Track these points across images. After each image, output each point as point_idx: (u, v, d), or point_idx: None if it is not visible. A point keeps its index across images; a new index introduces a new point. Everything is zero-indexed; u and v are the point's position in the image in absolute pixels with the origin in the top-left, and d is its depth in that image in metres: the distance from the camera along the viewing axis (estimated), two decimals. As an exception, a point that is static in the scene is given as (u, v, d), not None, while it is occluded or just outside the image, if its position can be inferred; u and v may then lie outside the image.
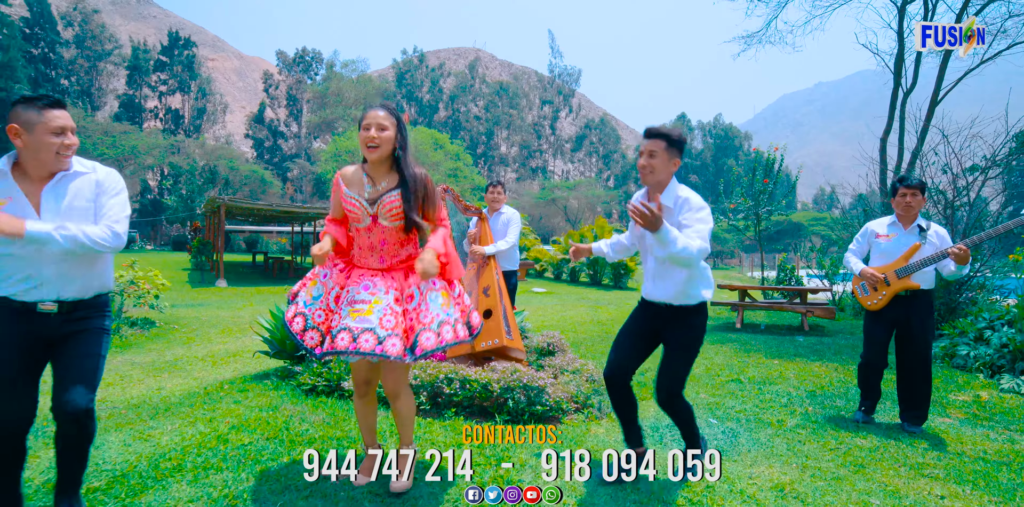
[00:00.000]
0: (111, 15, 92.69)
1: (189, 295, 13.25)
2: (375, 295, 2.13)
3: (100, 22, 53.69)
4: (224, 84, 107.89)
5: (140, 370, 5.08)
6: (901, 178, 3.42)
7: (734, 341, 6.82)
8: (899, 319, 3.36)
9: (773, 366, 5.30)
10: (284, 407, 3.38)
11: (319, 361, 3.90)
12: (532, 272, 22.28)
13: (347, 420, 3.12)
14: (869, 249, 3.57)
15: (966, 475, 2.63)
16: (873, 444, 3.09)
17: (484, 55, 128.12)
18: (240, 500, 2.11)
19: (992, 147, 7.23)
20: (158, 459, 2.51)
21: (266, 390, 3.87)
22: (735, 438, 3.17)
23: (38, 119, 1.80)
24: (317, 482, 2.27)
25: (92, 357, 1.94)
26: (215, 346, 6.51)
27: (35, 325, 1.88)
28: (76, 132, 1.94)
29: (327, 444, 2.70)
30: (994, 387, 4.43)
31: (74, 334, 1.94)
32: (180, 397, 3.80)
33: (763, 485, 2.45)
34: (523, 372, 3.39)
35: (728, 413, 3.69)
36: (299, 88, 59.11)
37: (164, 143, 39.64)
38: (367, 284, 2.18)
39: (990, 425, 3.50)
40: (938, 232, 3.36)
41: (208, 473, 2.36)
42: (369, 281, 2.19)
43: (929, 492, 2.41)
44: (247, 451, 2.60)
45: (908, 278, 3.29)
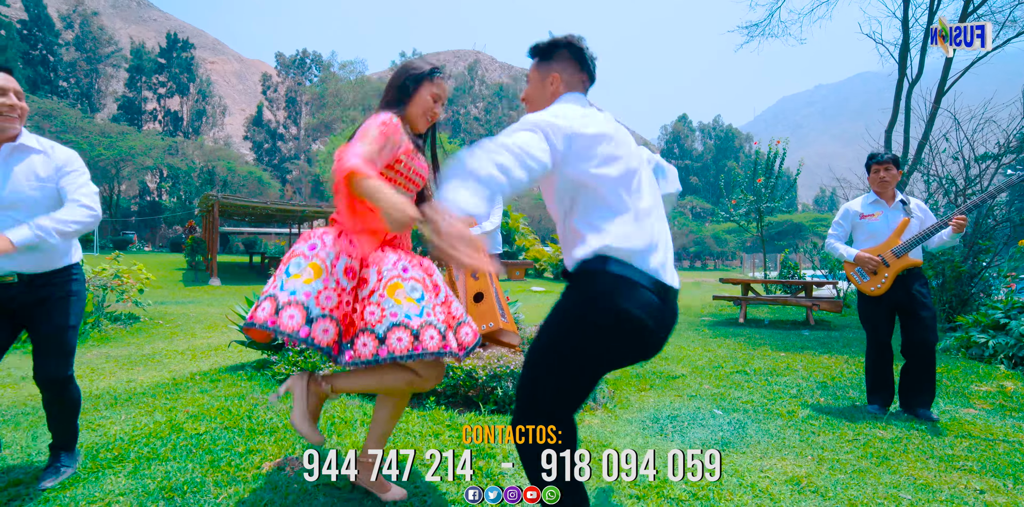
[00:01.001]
0: (111, 18, 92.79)
1: (180, 293, 13.00)
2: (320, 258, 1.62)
3: (99, 24, 53.64)
4: (224, 87, 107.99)
5: (114, 363, 4.82)
6: (872, 155, 3.28)
7: (738, 335, 6.56)
8: (901, 300, 3.12)
9: (780, 358, 5.03)
10: (251, 396, 3.12)
11: (297, 351, 3.64)
12: (531, 272, 22.00)
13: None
14: (852, 231, 3.35)
15: (1003, 468, 2.35)
16: (894, 435, 2.82)
17: (484, 57, 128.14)
18: (178, 492, 1.84)
19: (1007, 132, 6.98)
20: (99, 450, 2.24)
21: (238, 380, 3.61)
22: (742, 429, 2.90)
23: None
24: (269, 474, 2.00)
25: (62, 329, 1.94)
26: (197, 341, 6.26)
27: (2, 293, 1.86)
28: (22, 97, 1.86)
29: (288, 435, 2.42)
30: (1018, 378, 4.15)
31: (41, 302, 1.91)
32: (146, 388, 3.54)
33: (776, 478, 2.18)
34: (510, 358, 3.12)
35: (734, 404, 3.42)
36: (297, 90, 59.00)
37: (162, 144, 39.43)
38: (314, 243, 1.66)
39: (1020, 416, 3.22)
40: (919, 205, 3.24)
41: (151, 464, 2.09)
42: (319, 240, 1.67)
43: (966, 486, 2.14)
44: (200, 441, 2.33)
45: (907, 256, 3.08)
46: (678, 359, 4.95)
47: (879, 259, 3.15)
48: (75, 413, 2.07)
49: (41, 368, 1.92)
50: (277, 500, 1.80)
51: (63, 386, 1.97)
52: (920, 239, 3.07)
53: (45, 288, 1.91)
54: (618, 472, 2.09)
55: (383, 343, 1.53)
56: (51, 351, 1.92)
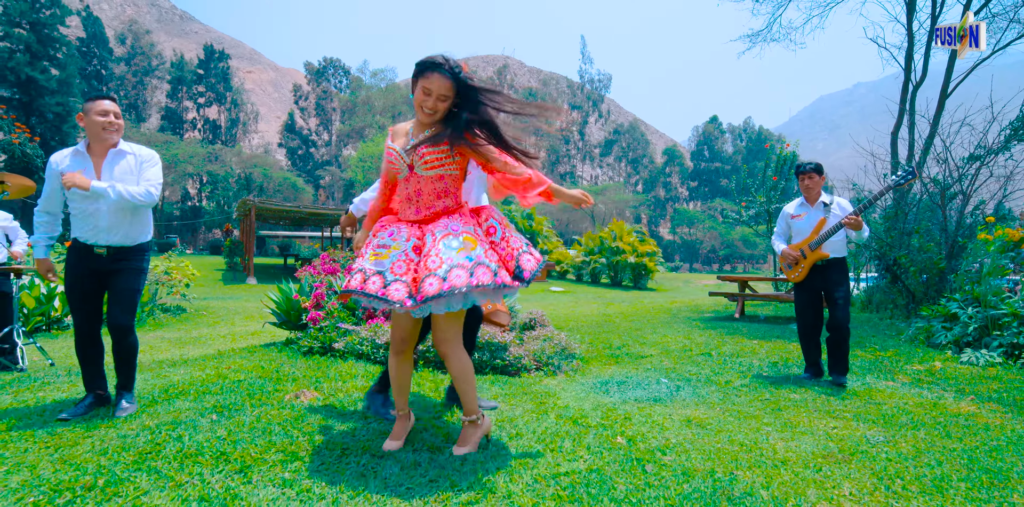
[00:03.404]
0: (156, 32, 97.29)
1: (220, 290, 14.09)
2: (396, 241, 2.12)
3: (149, 41, 56.65)
4: (260, 95, 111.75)
5: (168, 343, 5.69)
6: (797, 165, 3.87)
7: (725, 328, 7.04)
8: (818, 286, 3.72)
9: (749, 345, 5.54)
10: (279, 360, 3.88)
11: (317, 330, 4.38)
12: (554, 274, 22.62)
13: (329, 368, 3.59)
14: (790, 229, 3.93)
15: (869, 416, 2.90)
16: (803, 397, 3.37)
17: (513, 62, 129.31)
18: (226, 409, 2.58)
19: (983, 133, 7.31)
20: (168, 387, 3.02)
21: (270, 352, 4.38)
22: (676, 392, 3.48)
23: (90, 106, 2.65)
24: (288, 400, 2.75)
25: (130, 290, 2.69)
26: (236, 328, 7.11)
27: (93, 261, 2.65)
28: (120, 117, 2.70)
29: (308, 382, 3.16)
30: (954, 360, 4.60)
31: (118, 271, 2.67)
32: (197, 358, 4.33)
33: (676, 418, 2.78)
34: (489, 331, 3.79)
35: (681, 375, 4.00)
36: (328, 98, 61.05)
37: (203, 152, 41.54)
38: (393, 231, 2.18)
39: (928, 387, 3.72)
40: (840, 204, 3.78)
41: (205, 395, 2.85)
42: (395, 228, 2.19)
43: (824, 425, 2.71)
44: (240, 383, 3.09)
45: (819, 249, 3.65)
46: (654, 344, 5.52)
47: (798, 253, 3.73)
48: (134, 356, 2.73)
49: (112, 316, 2.63)
50: (291, 414, 2.52)
51: (126, 332, 2.66)
52: (828, 235, 3.63)
53: (122, 261, 2.68)
54: (554, 409, 2.77)
55: (445, 281, 1.91)
56: (120, 304, 2.65)
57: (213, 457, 2.02)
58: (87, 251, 2.64)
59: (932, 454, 2.23)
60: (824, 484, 1.88)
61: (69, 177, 2.45)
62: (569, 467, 2.00)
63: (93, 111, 2.61)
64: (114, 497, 1.68)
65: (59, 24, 31.26)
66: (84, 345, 2.67)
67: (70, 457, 2.00)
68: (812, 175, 3.80)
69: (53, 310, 6.41)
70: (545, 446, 2.23)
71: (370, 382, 3.28)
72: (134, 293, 2.70)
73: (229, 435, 2.25)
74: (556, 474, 1.93)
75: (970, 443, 2.40)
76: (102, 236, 2.61)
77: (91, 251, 2.64)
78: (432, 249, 2.03)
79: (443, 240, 2.04)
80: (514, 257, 2.14)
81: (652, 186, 72.01)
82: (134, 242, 2.72)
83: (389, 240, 2.13)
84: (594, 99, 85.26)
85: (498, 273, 1.99)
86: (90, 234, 2.61)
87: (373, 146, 36.32)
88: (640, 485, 1.85)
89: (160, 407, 2.68)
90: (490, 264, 2.00)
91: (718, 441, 2.37)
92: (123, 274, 2.67)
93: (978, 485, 1.89)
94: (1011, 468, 2.07)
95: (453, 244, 2.02)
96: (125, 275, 2.68)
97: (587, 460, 2.08)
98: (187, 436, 2.23)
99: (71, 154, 2.66)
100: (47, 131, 30.35)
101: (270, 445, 2.15)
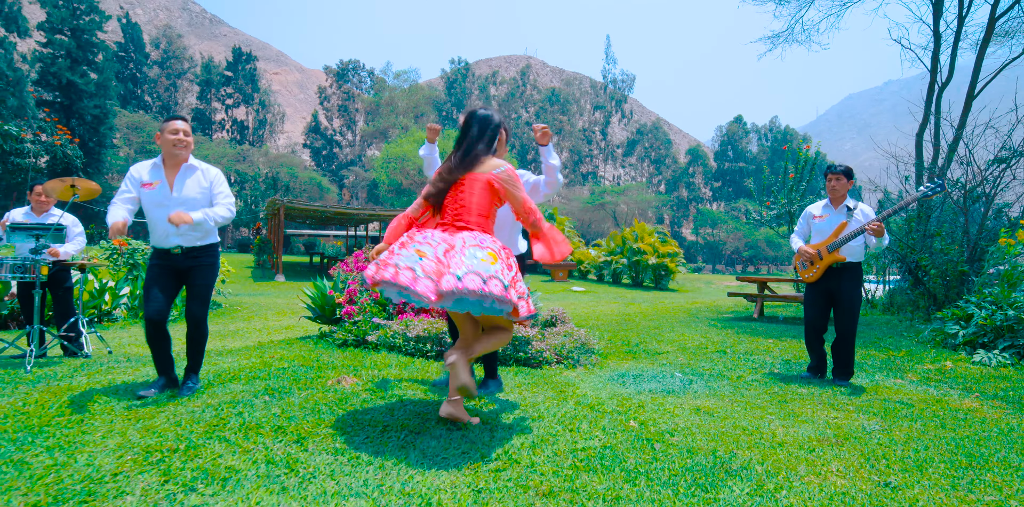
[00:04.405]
0: (187, 36, 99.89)
1: (251, 287, 14.61)
2: (429, 245, 2.38)
3: (181, 45, 58.31)
4: (286, 96, 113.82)
5: (208, 336, 6.06)
6: (828, 166, 3.93)
7: (742, 327, 7.18)
8: (831, 288, 3.83)
9: (764, 343, 5.69)
10: (317, 351, 4.18)
11: (352, 323, 4.68)
12: (575, 274, 22.78)
13: (364, 358, 3.87)
14: (810, 229, 4.05)
15: (871, 409, 3.07)
16: (810, 391, 3.54)
17: (535, 62, 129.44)
18: (276, 391, 2.88)
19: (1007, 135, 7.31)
20: (220, 373, 3.34)
21: (306, 344, 4.69)
22: (689, 385, 3.68)
23: (164, 126, 2.99)
24: (331, 385, 3.04)
25: (205, 286, 3.07)
26: (270, 322, 7.48)
27: (171, 260, 3.02)
28: (188, 135, 3.03)
29: (346, 370, 3.45)
30: (967, 360, 4.70)
31: (193, 268, 3.04)
32: (239, 349, 4.67)
33: (686, 407, 2.99)
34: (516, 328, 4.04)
35: (695, 370, 4.20)
36: (351, 99, 62.09)
37: (231, 152, 42.65)
38: (427, 235, 2.45)
39: (936, 385, 3.85)
40: (863, 210, 3.85)
41: (255, 380, 3.15)
42: (430, 232, 2.47)
43: (825, 415, 2.89)
44: (285, 370, 3.40)
45: (836, 252, 3.77)
46: (671, 341, 5.71)
47: (815, 252, 3.87)
48: (203, 343, 3.11)
49: (189, 309, 3.03)
50: (335, 397, 2.80)
51: (200, 322, 3.06)
52: (847, 239, 3.75)
53: (196, 259, 3.04)
54: (572, 397, 3.00)
55: (460, 281, 2.16)
56: (197, 298, 3.03)
57: (272, 429, 2.30)
58: (165, 252, 3.02)
59: (922, 441, 2.41)
60: (815, 462, 2.09)
61: (177, 216, 2.74)
62: (585, 444, 2.24)
63: (166, 130, 2.97)
64: (195, 458, 1.97)
65: (97, 29, 32.46)
66: (155, 335, 2.97)
67: (151, 427, 2.31)
68: (840, 176, 3.88)
69: (104, 304, 6.85)
70: (564, 427, 2.47)
71: (404, 371, 3.57)
72: (208, 288, 3.07)
73: (283, 412, 2.54)
74: (574, 449, 2.17)
75: (961, 433, 2.57)
76: (173, 239, 2.98)
77: (168, 252, 3.01)
78: (458, 253, 2.30)
79: (470, 248, 2.32)
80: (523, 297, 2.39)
81: (675, 186, 71.49)
82: (204, 242, 3.07)
83: (423, 244, 2.39)
84: (617, 99, 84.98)
85: (507, 290, 2.23)
86: (163, 239, 2.99)
87: (397, 147, 36.90)
88: (648, 459, 2.08)
89: (217, 389, 3.00)
90: (503, 280, 2.24)
91: (723, 426, 2.58)
92: (198, 270, 3.04)
93: (957, 466, 2.07)
94: (993, 454, 2.24)
95: (478, 254, 2.29)
96: (199, 271, 3.04)
97: (602, 439, 2.31)
98: (246, 412, 2.53)
99: (150, 167, 3.02)
100: (86, 133, 31.59)
101: (319, 422, 2.43)
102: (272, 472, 1.88)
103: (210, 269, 3.08)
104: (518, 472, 1.94)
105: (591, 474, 1.93)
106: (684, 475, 1.93)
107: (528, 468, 1.97)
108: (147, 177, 2.97)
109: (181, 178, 3.00)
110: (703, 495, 1.78)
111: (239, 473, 1.86)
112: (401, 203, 28.79)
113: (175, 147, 2.96)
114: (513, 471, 1.95)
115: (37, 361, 3.99)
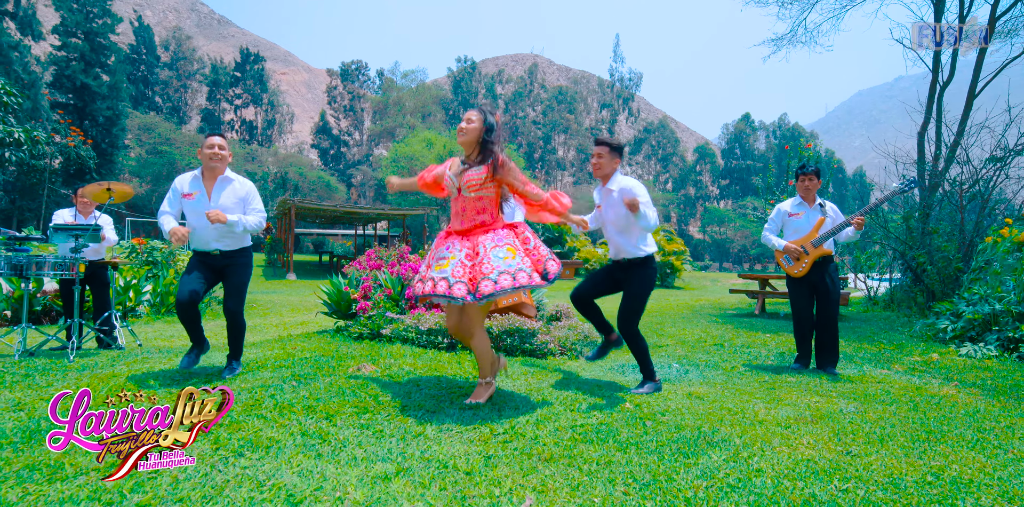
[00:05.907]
0: (196, 37, 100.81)
1: (263, 285, 14.95)
2: (452, 252, 2.76)
3: (191, 46, 58.96)
4: (294, 96, 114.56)
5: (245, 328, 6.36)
6: (800, 166, 4.18)
7: (742, 323, 7.39)
8: (815, 280, 4.07)
9: (761, 337, 5.91)
10: (335, 343, 4.46)
11: (367, 317, 4.95)
12: (582, 271, 22.99)
13: (381, 350, 4.16)
14: (782, 226, 4.29)
15: (852, 395, 3.30)
16: (799, 380, 3.77)
17: (542, 60, 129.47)
18: (302, 377, 3.16)
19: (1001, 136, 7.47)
20: (248, 363, 3.63)
21: (324, 338, 4.97)
22: (684, 374, 3.92)
23: (204, 141, 3.35)
24: (352, 373, 3.32)
25: (240, 284, 3.44)
26: (285, 318, 7.78)
27: (210, 259, 3.38)
28: (224, 148, 3.35)
29: (364, 359, 3.72)
30: (953, 353, 4.91)
31: (229, 267, 3.41)
32: (260, 342, 4.95)
33: (679, 393, 3.24)
34: (519, 320, 4.30)
35: (692, 361, 4.43)
36: (358, 99, 62.55)
37: (240, 152, 43.17)
38: (449, 245, 2.84)
39: (920, 375, 4.07)
40: (832, 207, 4.15)
41: (282, 369, 3.44)
42: (452, 242, 2.84)
43: (807, 400, 3.13)
44: (308, 359, 3.68)
45: (821, 246, 4.00)
46: (671, 336, 5.95)
47: (801, 249, 4.11)
48: (242, 334, 3.48)
49: (227, 304, 3.39)
50: (357, 382, 3.07)
51: (237, 315, 3.41)
52: (832, 233, 4.00)
53: (231, 258, 3.40)
54: (574, 383, 3.25)
55: (496, 283, 2.60)
56: (234, 295, 3.39)
57: (303, 408, 2.57)
58: (205, 253, 3.39)
59: (891, 420, 2.65)
60: (788, 436, 2.33)
61: (215, 214, 3.13)
62: (584, 421, 2.49)
63: (205, 145, 3.33)
64: (239, 430, 2.25)
65: (110, 32, 32.99)
66: (184, 316, 3.29)
67: (195, 406, 2.58)
68: (813, 177, 4.15)
69: (128, 300, 7.17)
70: (565, 407, 2.73)
71: (418, 360, 3.83)
72: (243, 285, 3.45)
73: (311, 395, 2.81)
74: (573, 425, 2.43)
75: (930, 415, 2.80)
76: (211, 244, 3.34)
77: (208, 253, 3.37)
78: (484, 257, 2.70)
79: (492, 251, 2.72)
80: (542, 261, 2.82)
81: (682, 184, 71.45)
82: (238, 246, 3.44)
83: (447, 252, 2.79)
84: (624, 97, 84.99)
85: (532, 275, 2.70)
86: (202, 244, 3.35)
87: (404, 146, 37.26)
88: (639, 433, 2.33)
89: (248, 376, 3.28)
90: (527, 269, 2.70)
91: (710, 408, 2.83)
92: (232, 269, 3.41)
93: (916, 439, 2.31)
94: (951, 430, 2.47)
95: (500, 254, 2.71)
96: (234, 270, 3.42)
97: (599, 417, 2.57)
98: (278, 395, 2.80)
99: (191, 178, 3.36)
100: (98, 134, 32.14)
101: (344, 402, 2.70)
102: (308, 442, 2.14)
103: (244, 268, 3.45)
104: (523, 443, 2.20)
105: (588, 444, 2.19)
106: (670, 446, 2.18)
107: (532, 440, 2.23)
108: (187, 188, 3.31)
109: (218, 189, 3.34)
110: (685, 461, 2.03)
111: (279, 443, 2.13)
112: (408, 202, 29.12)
113: (212, 160, 3.30)
114: (519, 442, 2.20)
115: (76, 352, 4.29)
